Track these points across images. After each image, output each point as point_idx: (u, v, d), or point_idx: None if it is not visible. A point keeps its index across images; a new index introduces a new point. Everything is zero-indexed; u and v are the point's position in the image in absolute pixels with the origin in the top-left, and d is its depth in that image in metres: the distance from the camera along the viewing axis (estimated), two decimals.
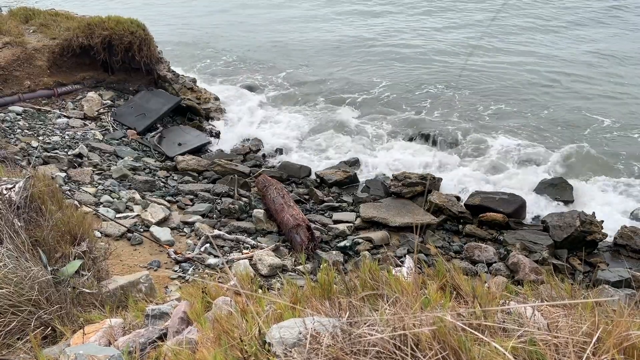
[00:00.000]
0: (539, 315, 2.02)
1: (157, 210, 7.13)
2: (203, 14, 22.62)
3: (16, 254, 3.41)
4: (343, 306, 2.05)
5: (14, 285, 3.22)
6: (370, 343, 1.67)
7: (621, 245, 7.34)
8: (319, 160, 10.26)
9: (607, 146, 10.49)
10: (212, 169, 9.13)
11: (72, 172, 8.06)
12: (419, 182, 8.30)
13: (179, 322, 2.78)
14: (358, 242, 7.20)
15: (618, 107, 12.22)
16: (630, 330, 1.63)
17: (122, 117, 10.81)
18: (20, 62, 10.73)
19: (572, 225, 7.25)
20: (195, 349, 2.34)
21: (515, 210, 7.97)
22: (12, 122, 9.54)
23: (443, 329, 1.64)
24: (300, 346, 1.81)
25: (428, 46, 16.81)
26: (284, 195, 7.70)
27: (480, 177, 9.45)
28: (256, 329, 1.96)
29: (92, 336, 2.91)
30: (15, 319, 3.15)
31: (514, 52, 16.02)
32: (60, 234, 3.99)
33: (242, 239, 6.90)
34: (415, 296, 2.13)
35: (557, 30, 17.92)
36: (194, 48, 17.65)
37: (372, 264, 2.60)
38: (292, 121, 11.82)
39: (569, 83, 13.66)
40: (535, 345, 1.63)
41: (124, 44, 11.36)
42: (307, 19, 21.00)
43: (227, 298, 2.79)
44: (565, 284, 2.85)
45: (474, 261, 6.95)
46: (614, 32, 17.48)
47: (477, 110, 12.33)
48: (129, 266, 5.74)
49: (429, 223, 7.68)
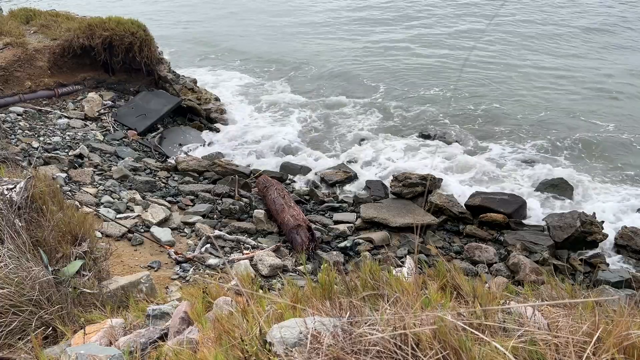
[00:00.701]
0: (539, 315, 2.03)
1: (157, 210, 7.14)
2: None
3: (17, 254, 3.42)
4: (344, 306, 2.05)
5: (15, 286, 3.22)
6: (370, 342, 1.68)
7: (622, 245, 7.34)
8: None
9: (608, 147, 10.50)
10: (213, 170, 9.14)
11: (73, 172, 8.07)
12: (419, 183, 8.30)
13: (179, 322, 2.78)
14: (359, 242, 7.20)
15: (618, 108, 12.26)
16: (630, 330, 1.64)
17: (123, 118, 10.82)
18: (21, 63, 10.74)
19: (572, 226, 7.25)
20: (196, 348, 2.34)
21: (516, 210, 7.97)
22: (13, 122, 9.55)
23: (443, 329, 1.64)
24: (301, 346, 1.81)
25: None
26: (285, 195, 7.70)
27: (479, 177, 9.45)
28: (257, 329, 1.97)
29: (93, 336, 2.91)
30: (16, 319, 3.16)
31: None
32: (61, 234, 4.00)
33: (242, 239, 6.90)
34: (416, 296, 2.13)
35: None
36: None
37: (373, 265, 2.61)
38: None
39: (571, 85, 13.69)
40: (536, 345, 1.64)
41: (125, 45, 11.37)
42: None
43: (228, 298, 2.80)
44: (566, 284, 2.86)
45: (475, 262, 6.95)
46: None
47: (476, 110, 12.34)
48: (129, 266, 5.74)
49: (429, 223, 7.68)
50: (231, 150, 10.64)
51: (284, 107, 12.88)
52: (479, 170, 9.69)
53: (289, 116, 12.34)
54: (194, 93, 12.03)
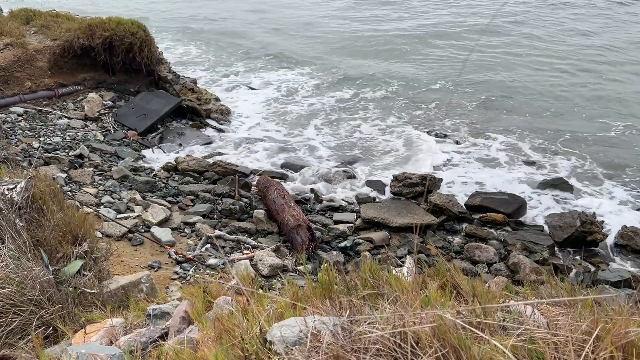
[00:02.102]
0: (539, 314, 2.03)
1: (157, 210, 7.14)
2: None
3: (18, 254, 3.42)
4: (343, 305, 2.06)
5: (16, 285, 3.23)
6: (370, 341, 1.68)
7: (622, 245, 7.34)
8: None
9: (610, 148, 10.52)
10: (213, 170, 9.13)
11: (73, 172, 8.08)
12: (419, 183, 8.31)
13: (180, 322, 2.79)
14: (359, 242, 7.21)
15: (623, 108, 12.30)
16: (629, 328, 1.64)
17: (123, 118, 10.83)
18: (21, 63, 10.75)
19: (572, 226, 7.25)
20: (197, 348, 2.35)
21: (516, 210, 7.97)
22: (13, 123, 9.56)
23: (443, 327, 1.65)
24: (301, 344, 1.82)
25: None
26: (285, 195, 7.70)
27: (479, 177, 9.46)
28: (257, 328, 1.97)
29: (93, 336, 2.92)
30: (17, 319, 3.17)
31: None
32: (61, 234, 4.00)
33: (242, 239, 6.91)
34: (416, 295, 2.14)
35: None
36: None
37: (373, 264, 2.61)
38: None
39: (574, 85, 13.73)
40: (535, 344, 1.64)
41: (125, 45, 11.37)
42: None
43: (228, 297, 2.80)
44: (566, 284, 2.86)
45: (475, 261, 6.95)
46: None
47: (478, 108, 12.37)
48: (130, 266, 5.75)
49: (429, 223, 7.68)
50: (232, 150, 10.64)
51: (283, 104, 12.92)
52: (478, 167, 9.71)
53: (286, 116, 12.36)
54: (194, 93, 12.04)
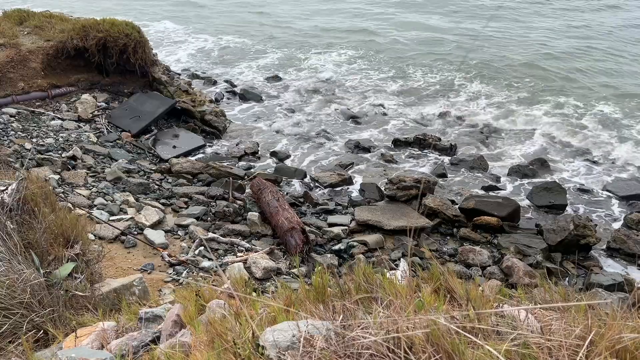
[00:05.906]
0: (533, 319, 2.02)
1: (151, 212, 7.10)
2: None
3: (8, 257, 3.39)
4: (337, 309, 2.05)
5: (6, 288, 3.20)
6: (363, 346, 1.67)
7: (615, 249, 7.37)
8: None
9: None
10: (207, 172, 9.11)
11: (66, 174, 8.02)
12: (413, 186, 8.31)
13: (172, 325, 2.77)
14: (353, 245, 7.19)
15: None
16: (623, 333, 1.64)
17: (117, 120, 10.78)
18: (14, 64, 10.68)
19: (566, 229, 7.27)
20: (189, 352, 2.32)
21: (510, 213, 7.98)
22: (6, 124, 9.48)
23: (436, 332, 1.64)
24: (293, 349, 1.80)
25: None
26: (279, 198, 7.68)
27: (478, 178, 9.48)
28: (250, 332, 1.96)
29: (84, 339, 2.89)
30: (7, 322, 3.13)
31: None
32: (53, 236, 3.97)
33: (236, 242, 6.88)
34: (409, 299, 2.13)
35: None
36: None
37: (367, 267, 2.60)
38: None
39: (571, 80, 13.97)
40: (529, 348, 1.64)
41: (119, 46, 11.33)
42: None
43: (221, 301, 2.78)
44: (559, 288, 2.86)
45: (468, 264, 6.96)
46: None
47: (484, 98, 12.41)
48: (122, 269, 5.71)
49: (423, 226, 7.68)
50: (226, 152, 10.62)
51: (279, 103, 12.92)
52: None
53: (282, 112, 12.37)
54: (189, 95, 12.01)
